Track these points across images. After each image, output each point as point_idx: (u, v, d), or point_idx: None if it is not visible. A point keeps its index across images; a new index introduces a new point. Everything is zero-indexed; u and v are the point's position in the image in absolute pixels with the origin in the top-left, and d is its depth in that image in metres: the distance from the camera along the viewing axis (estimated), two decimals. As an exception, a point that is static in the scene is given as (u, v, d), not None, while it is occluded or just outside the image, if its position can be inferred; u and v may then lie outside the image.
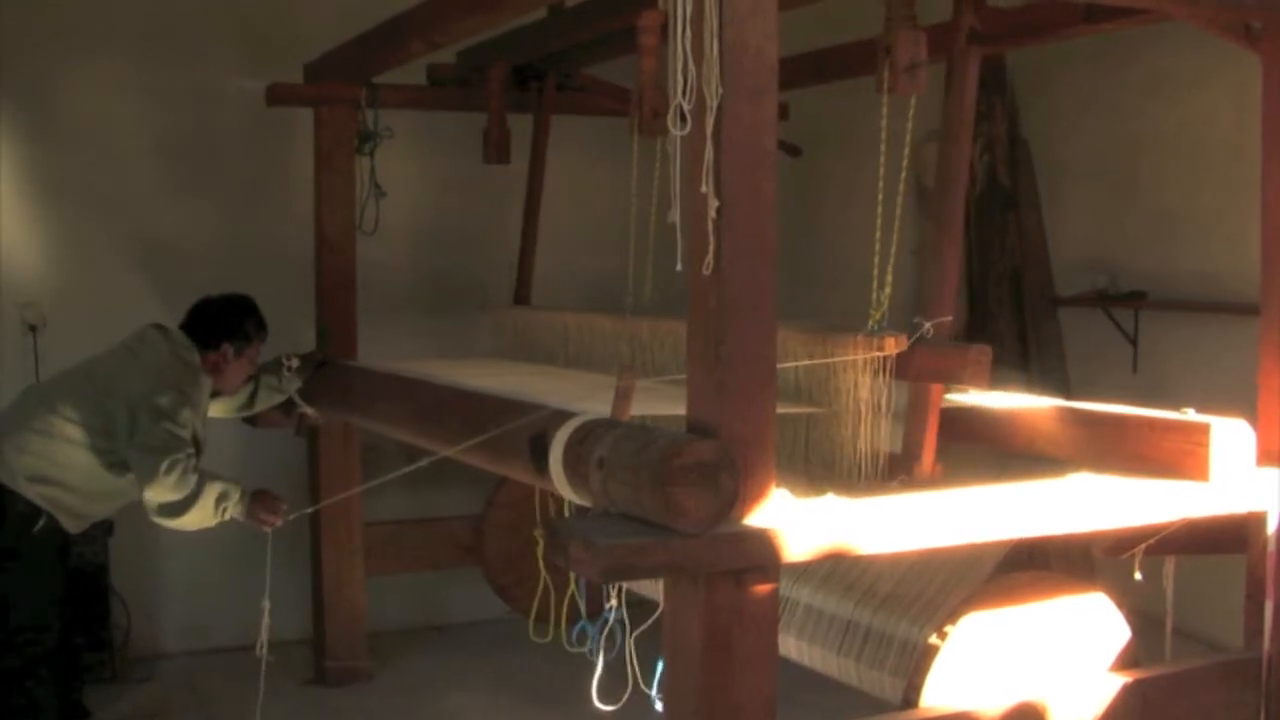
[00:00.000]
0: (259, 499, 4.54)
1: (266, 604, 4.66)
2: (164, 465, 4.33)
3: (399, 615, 6.65)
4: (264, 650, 4.61)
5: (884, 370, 3.59)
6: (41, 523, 4.43)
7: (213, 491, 4.39)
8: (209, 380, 4.77)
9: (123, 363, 4.62)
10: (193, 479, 4.36)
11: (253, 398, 5.22)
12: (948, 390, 3.82)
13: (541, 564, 5.43)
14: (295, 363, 5.26)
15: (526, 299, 6.02)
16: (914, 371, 3.60)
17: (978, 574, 3.45)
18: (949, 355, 3.54)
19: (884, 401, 3.61)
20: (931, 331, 3.61)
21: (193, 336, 4.75)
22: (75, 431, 4.47)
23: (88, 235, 6.17)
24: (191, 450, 4.45)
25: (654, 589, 3.76)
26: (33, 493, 4.43)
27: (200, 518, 4.42)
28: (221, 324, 4.80)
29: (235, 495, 4.43)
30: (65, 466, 4.46)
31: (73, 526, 4.55)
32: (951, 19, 3.80)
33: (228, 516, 4.46)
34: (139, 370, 4.56)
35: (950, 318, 3.69)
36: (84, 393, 4.54)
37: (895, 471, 3.67)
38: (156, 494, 4.36)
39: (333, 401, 5.27)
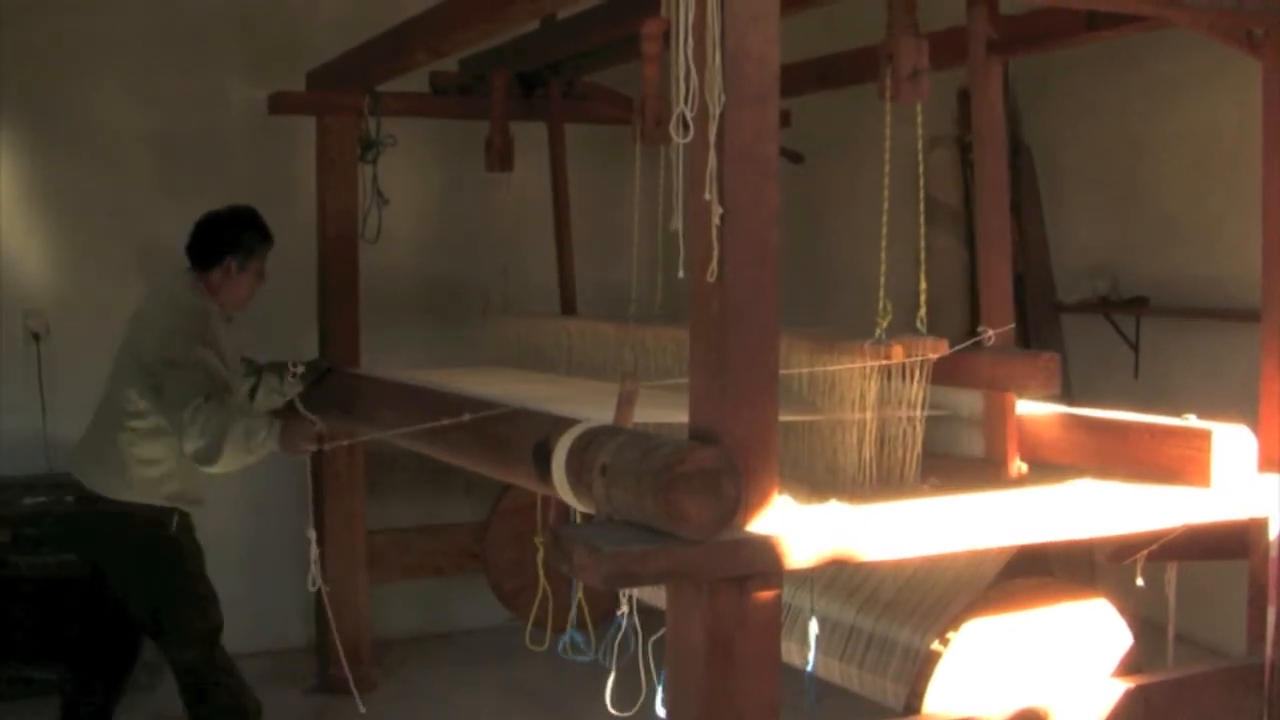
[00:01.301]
0: (291, 427, 4.44)
1: (311, 534, 4.59)
2: (187, 415, 4.34)
3: (403, 622, 6.66)
4: (318, 583, 4.56)
5: (921, 375, 3.60)
6: (176, 519, 4.56)
7: (238, 429, 4.34)
8: (215, 308, 4.74)
9: (137, 333, 4.66)
10: (215, 423, 4.33)
11: (252, 395, 5.22)
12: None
13: (541, 571, 5.43)
14: (301, 369, 5.25)
15: (573, 308, 6.00)
16: (983, 380, 3.62)
17: (980, 580, 3.46)
18: (1018, 363, 3.57)
19: (916, 406, 3.63)
20: (992, 339, 3.64)
21: (195, 256, 4.75)
22: (147, 423, 4.54)
23: (91, 242, 6.19)
24: (211, 391, 4.42)
25: (654, 596, 3.77)
26: (158, 497, 4.54)
27: (236, 457, 4.40)
28: (220, 240, 4.75)
29: (263, 431, 4.36)
30: (159, 460, 4.53)
31: (195, 509, 4.67)
32: (968, 27, 3.81)
33: (265, 450, 4.41)
34: (147, 331, 4.61)
35: (1012, 325, 3.72)
36: (130, 382, 4.58)
37: (929, 475, 3.70)
38: (188, 443, 4.37)
39: (336, 409, 5.27)
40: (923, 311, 3.69)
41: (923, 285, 3.67)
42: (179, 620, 4.63)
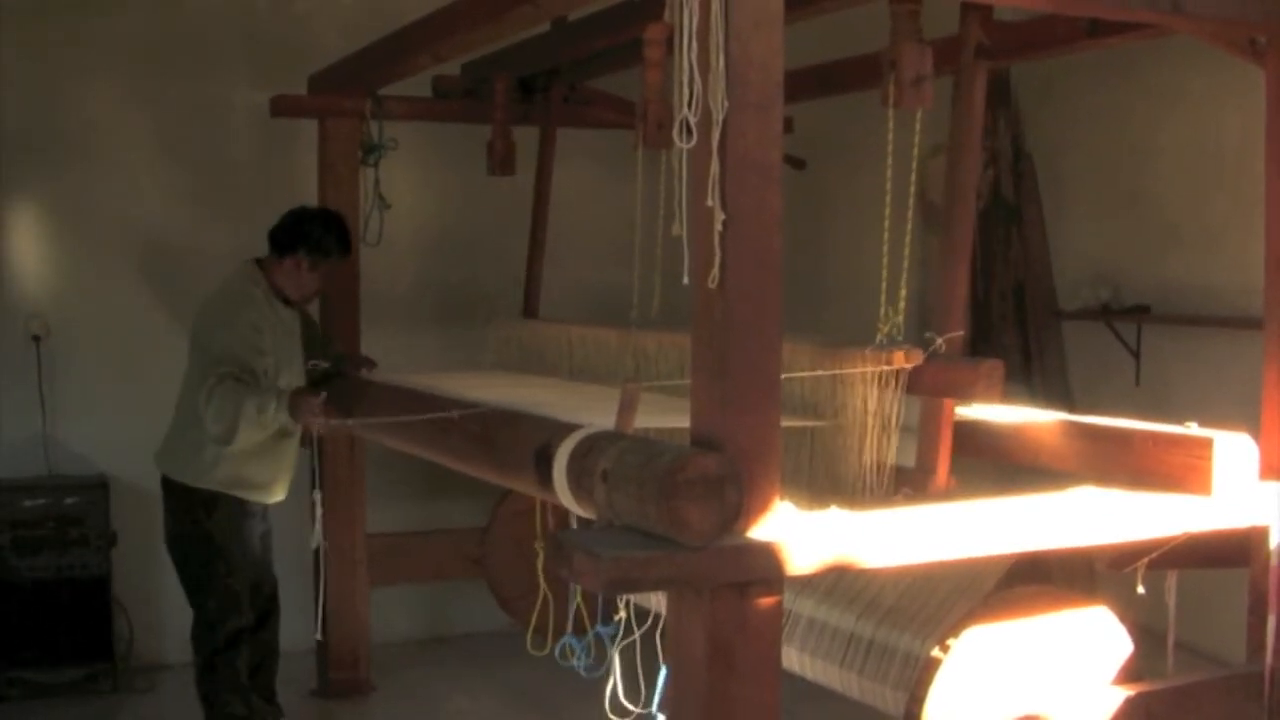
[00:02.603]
0: (298, 400, 4.53)
1: (317, 494, 4.91)
2: (202, 399, 4.52)
3: (403, 626, 6.66)
4: (321, 540, 4.89)
5: (896, 384, 3.60)
6: (222, 506, 4.73)
7: (250, 406, 4.47)
8: (261, 293, 4.82)
9: (198, 319, 4.84)
10: (229, 404, 4.46)
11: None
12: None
13: (541, 576, 5.43)
14: (325, 365, 5.24)
15: (535, 311, 6.01)
16: (926, 386, 3.61)
17: (981, 587, 3.45)
18: (961, 370, 3.55)
19: (893, 415, 3.62)
20: (943, 346, 3.63)
21: (274, 240, 4.89)
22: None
23: (92, 245, 6.20)
24: (227, 373, 4.53)
25: (651, 599, 3.77)
26: (212, 483, 4.71)
27: (252, 433, 4.55)
28: (302, 232, 4.89)
29: (272, 404, 4.49)
30: (207, 444, 4.65)
31: (259, 497, 4.83)
32: (959, 33, 3.81)
33: (277, 424, 4.55)
34: (202, 320, 4.80)
35: (963, 333, 3.70)
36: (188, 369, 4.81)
37: (901, 485, 3.68)
38: (209, 428, 4.54)
39: (337, 413, 5.27)
40: (900, 320, 3.68)
41: (901, 292, 3.67)
42: (199, 613, 4.85)
